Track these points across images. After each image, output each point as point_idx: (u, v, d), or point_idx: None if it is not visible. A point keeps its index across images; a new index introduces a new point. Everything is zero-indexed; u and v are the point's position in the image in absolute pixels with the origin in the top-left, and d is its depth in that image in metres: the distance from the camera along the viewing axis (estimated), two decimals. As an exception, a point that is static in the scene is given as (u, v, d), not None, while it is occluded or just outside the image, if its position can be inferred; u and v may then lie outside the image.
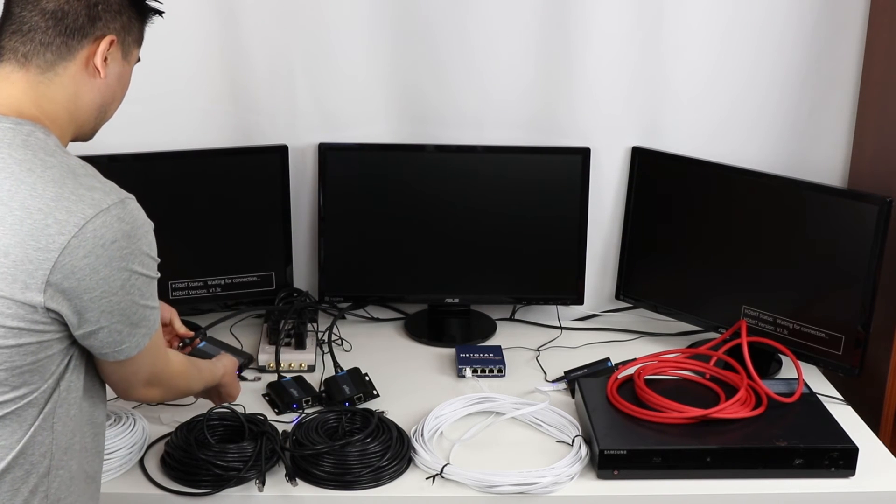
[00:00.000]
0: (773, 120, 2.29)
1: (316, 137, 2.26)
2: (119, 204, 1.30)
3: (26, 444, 1.29)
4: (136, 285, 1.32)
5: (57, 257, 1.24)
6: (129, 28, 1.42)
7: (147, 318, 1.36)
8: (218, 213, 2.20)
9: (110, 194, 1.30)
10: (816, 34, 2.22)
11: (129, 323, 1.33)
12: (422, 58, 2.24)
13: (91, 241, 1.26)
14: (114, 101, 1.45)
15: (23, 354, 1.27)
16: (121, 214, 1.29)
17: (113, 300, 1.30)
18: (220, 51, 2.19)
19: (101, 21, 1.37)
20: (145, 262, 1.33)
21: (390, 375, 2.04)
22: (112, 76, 1.41)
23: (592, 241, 2.31)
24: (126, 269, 1.30)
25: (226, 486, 1.64)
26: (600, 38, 2.21)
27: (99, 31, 1.37)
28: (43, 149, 1.31)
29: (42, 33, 1.34)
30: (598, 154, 2.27)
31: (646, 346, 2.23)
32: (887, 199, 1.92)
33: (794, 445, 1.72)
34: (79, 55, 1.36)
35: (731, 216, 2.13)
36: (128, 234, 1.30)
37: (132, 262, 1.30)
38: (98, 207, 1.27)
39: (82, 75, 1.38)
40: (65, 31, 1.35)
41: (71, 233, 1.25)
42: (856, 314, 1.97)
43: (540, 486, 1.67)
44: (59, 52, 1.35)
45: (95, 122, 1.45)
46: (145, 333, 1.37)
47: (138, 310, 1.34)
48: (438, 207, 2.26)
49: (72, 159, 1.33)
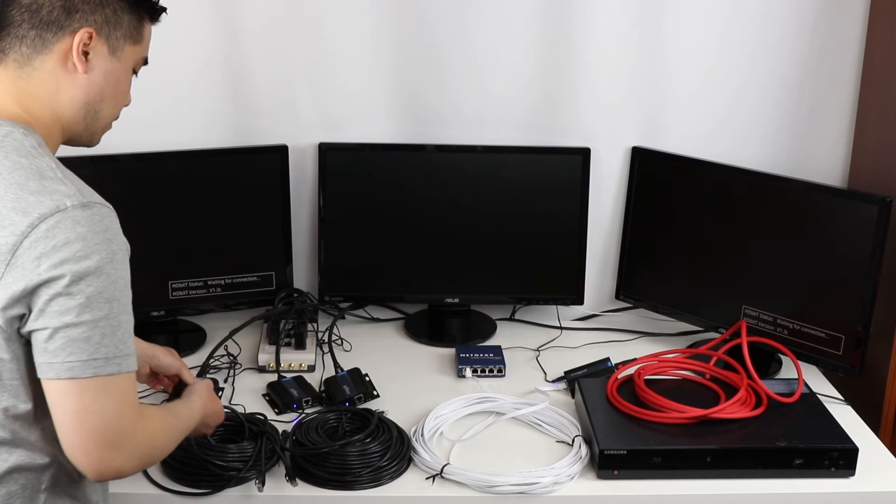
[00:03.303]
0: (773, 120, 2.29)
1: (316, 137, 2.26)
2: (79, 207, 1.23)
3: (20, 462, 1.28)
4: (86, 293, 1.21)
5: (10, 259, 1.20)
6: (114, 21, 1.36)
7: (92, 342, 1.22)
8: (218, 213, 2.19)
9: (72, 197, 1.24)
10: (816, 34, 2.23)
11: (67, 336, 1.22)
12: (422, 58, 2.24)
13: (43, 241, 1.20)
14: (103, 99, 1.39)
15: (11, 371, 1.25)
16: (77, 216, 1.22)
17: (59, 301, 1.21)
18: (220, 51, 2.19)
19: (79, 13, 1.33)
20: (104, 271, 1.23)
21: (390, 375, 2.04)
22: (98, 73, 1.36)
23: (592, 241, 2.31)
24: (76, 274, 1.21)
25: (226, 486, 1.64)
26: (600, 37, 2.21)
27: (76, 24, 1.33)
28: (16, 150, 1.27)
29: (17, 27, 1.32)
30: (598, 154, 2.27)
31: (646, 346, 2.23)
32: (887, 199, 1.92)
33: (794, 445, 1.72)
34: (55, 48, 1.33)
35: (731, 216, 2.13)
36: (83, 236, 1.21)
37: (86, 266, 1.21)
38: (55, 208, 1.22)
39: (61, 70, 1.34)
40: (39, 23, 1.31)
41: (24, 233, 1.20)
42: (856, 314, 1.97)
43: (540, 486, 1.67)
44: (33, 46, 1.32)
45: (86, 123, 1.39)
46: (87, 362, 1.22)
47: (82, 325, 1.22)
48: (438, 207, 2.26)
49: (45, 160, 1.28)
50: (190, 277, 2.19)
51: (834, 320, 2.00)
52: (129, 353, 1.28)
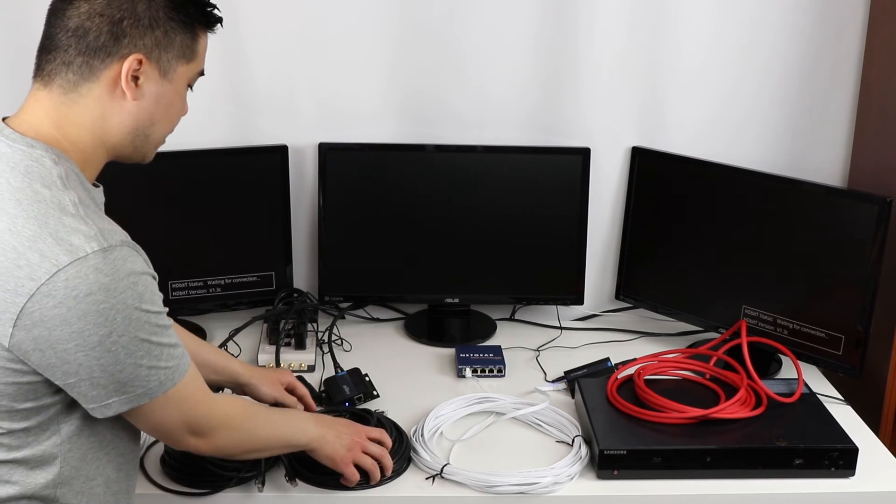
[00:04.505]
0: (773, 120, 2.29)
1: (316, 137, 2.26)
2: (100, 253, 1.19)
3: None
4: (122, 343, 1.21)
5: (25, 303, 1.17)
6: (165, 43, 1.30)
7: (141, 378, 1.24)
8: (218, 213, 2.20)
9: (92, 241, 1.19)
10: (816, 34, 2.23)
11: (115, 381, 1.23)
12: (422, 58, 2.24)
13: (62, 291, 1.16)
14: (153, 123, 1.34)
15: (9, 398, 1.23)
16: (99, 265, 1.18)
17: (91, 355, 1.20)
18: (220, 51, 2.18)
19: (127, 38, 1.27)
20: (133, 316, 1.21)
21: (390, 375, 2.04)
22: (148, 97, 1.31)
23: (592, 241, 2.31)
24: (104, 325, 1.19)
25: (226, 487, 1.64)
26: (600, 37, 2.21)
27: (125, 50, 1.27)
28: (41, 179, 1.23)
29: (63, 52, 1.27)
30: (598, 154, 2.27)
31: (646, 346, 2.23)
32: (887, 199, 1.92)
33: (794, 445, 1.72)
34: (103, 76, 1.28)
35: (731, 216, 2.13)
36: (106, 287, 1.18)
37: (113, 317, 1.19)
38: (74, 255, 1.18)
39: (108, 97, 1.29)
40: (86, 49, 1.26)
41: (41, 279, 1.17)
42: (856, 314, 1.97)
43: (540, 486, 1.67)
44: (80, 73, 1.27)
45: (134, 146, 1.35)
46: (143, 394, 1.25)
47: (126, 369, 1.22)
48: (438, 207, 2.26)
49: (68, 195, 1.23)
50: (190, 277, 2.19)
51: (834, 320, 2.00)
52: (177, 361, 1.29)
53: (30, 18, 1.55)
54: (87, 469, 1.32)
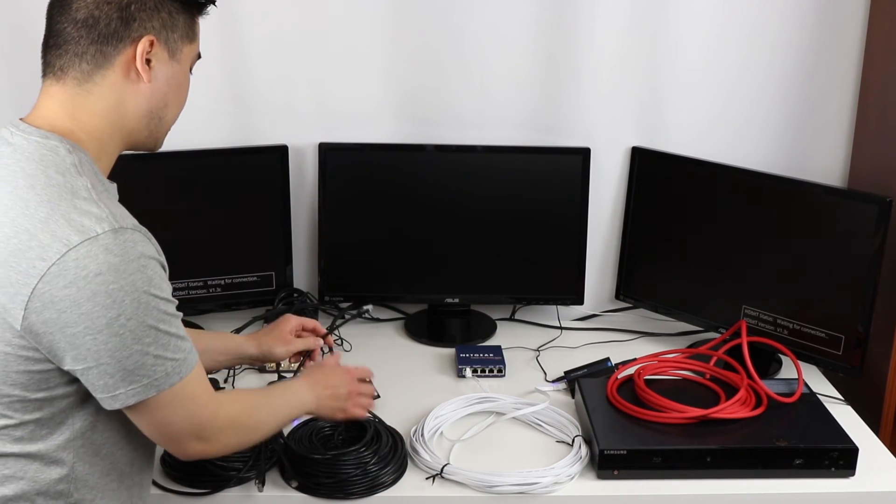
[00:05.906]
0: (773, 120, 2.29)
1: (316, 137, 2.26)
2: (110, 233, 1.20)
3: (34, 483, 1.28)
4: (129, 327, 1.21)
5: (36, 284, 1.18)
6: (170, 24, 1.33)
7: (147, 367, 1.24)
8: (218, 213, 2.20)
9: (103, 221, 1.21)
10: (816, 34, 2.23)
11: (122, 368, 1.22)
12: (422, 58, 2.24)
13: (73, 271, 1.17)
14: (166, 105, 1.37)
15: (22, 388, 1.24)
16: (109, 245, 1.19)
17: (99, 339, 1.20)
18: (220, 51, 2.19)
19: (137, 22, 1.29)
20: (142, 300, 1.21)
21: (390, 375, 2.04)
22: (160, 79, 1.34)
23: (592, 241, 2.31)
24: (112, 307, 1.19)
25: (225, 487, 1.64)
26: (600, 37, 2.21)
27: (135, 33, 1.29)
28: (55, 166, 1.24)
29: (75, 44, 1.28)
30: (598, 154, 2.27)
31: (646, 346, 2.23)
32: (887, 199, 1.92)
33: (794, 445, 1.72)
34: (117, 62, 1.30)
35: (731, 216, 2.13)
36: (115, 267, 1.19)
37: (122, 299, 1.20)
38: (85, 235, 1.19)
39: (124, 82, 1.31)
40: (98, 38, 1.28)
41: (51, 259, 1.18)
42: (856, 314, 1.97)
43: (540, 486, 1.67)
44: (94, 62, 1.29)
45: (149, 130, 1.37)
46: (149, 384, 1.25)
47: (133, 356, 1.22)
48: (438, 208, 2.26)
49: (81, 181, 1.24)
50: (190, 277, 2.19)
51: (834, 320, 2.00)
52: (185, 355, 1.29)
53: (30, 20, 1.56)
54: (100, 464, 1.33)
